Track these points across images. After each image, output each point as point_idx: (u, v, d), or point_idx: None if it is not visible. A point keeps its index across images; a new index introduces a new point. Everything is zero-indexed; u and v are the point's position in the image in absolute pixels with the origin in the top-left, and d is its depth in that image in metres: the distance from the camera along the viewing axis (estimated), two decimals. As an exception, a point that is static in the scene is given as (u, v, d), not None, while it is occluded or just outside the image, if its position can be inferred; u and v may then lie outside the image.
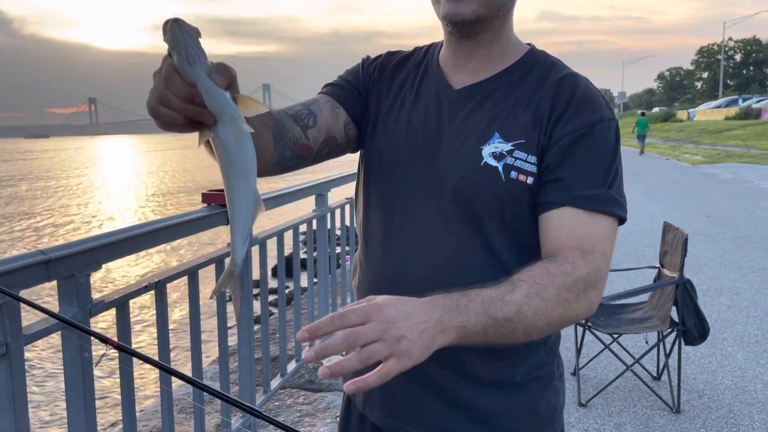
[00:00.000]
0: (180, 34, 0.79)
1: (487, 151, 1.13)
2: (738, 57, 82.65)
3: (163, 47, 0.81)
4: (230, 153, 0.84)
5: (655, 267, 3.87)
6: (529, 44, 1.26)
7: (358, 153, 1.32)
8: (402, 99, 1.25)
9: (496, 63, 1.20)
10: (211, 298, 0.96)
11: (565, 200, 1.08)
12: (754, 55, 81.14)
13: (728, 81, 76.57)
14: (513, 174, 1.11)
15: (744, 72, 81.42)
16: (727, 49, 74.97)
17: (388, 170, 1.22)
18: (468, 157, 1.14)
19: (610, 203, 1.09)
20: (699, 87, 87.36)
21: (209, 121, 0.82)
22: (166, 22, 0.81)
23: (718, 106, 46.96)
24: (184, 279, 2.03)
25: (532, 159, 1.12)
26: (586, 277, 1.02)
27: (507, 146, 1.12)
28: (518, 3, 1.19)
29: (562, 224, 1.08)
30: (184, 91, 0.80)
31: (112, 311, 1.66)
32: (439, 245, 1.16)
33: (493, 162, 1.12)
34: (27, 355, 1.39)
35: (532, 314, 0.96)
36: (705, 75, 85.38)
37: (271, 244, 2.79)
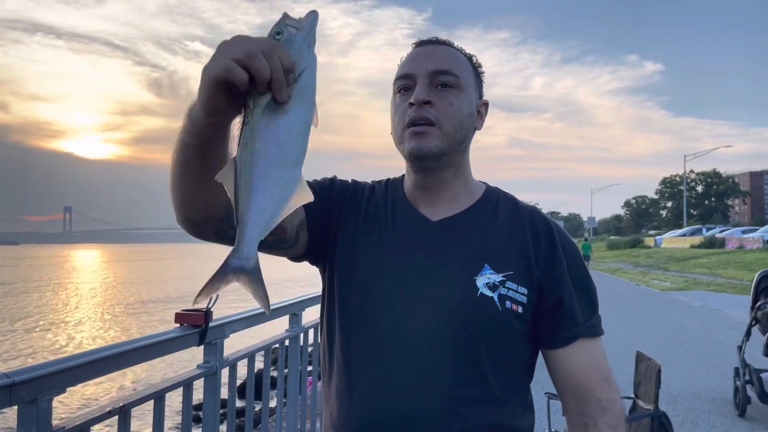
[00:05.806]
0: (315, 24, 0.84)
1: (480, 281, 1.18)
2: (700, 188, 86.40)
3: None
4: (291, 138, 0.83)
5: (630, 398, 3.83)
6: (481, 182, 1.35)
7: (322, 280, 1.32)
8: (380, 229, 1.27)
9: (463, 198, 1.28)
10: (195, 302, 0.84)
11: (578, 333, 1.24)
12: (714, 186, 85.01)
13: (691, 210, 79.53)
14: (507, 304, 1.18)
15: (706, 202, 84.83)
16: (689, 180, 78.50)
17: (374, 298, 1.21)
18: (463, 287, 1.18)
19: (600, 324, 1.29)
20: (664, 215, 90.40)
21: (282, 98, 0.81)
22: (310, 12, 0.85)
23: (684, 234, 48.53)
24: (151, 403, 1.95)
25: (522, 290, 1.20)
26: (620, 402, 1.25)
27: (498, 277, 1.19)
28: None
29: (581, 358, 1.24)
30: (289, 62, 0.82)
31: (72, 438, 1.57)
32: (438, 378, 1.15)
33: (488, 292, 1.17)
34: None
35: None
36: (669, 204, 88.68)
37: (241, 365, 2.72)
